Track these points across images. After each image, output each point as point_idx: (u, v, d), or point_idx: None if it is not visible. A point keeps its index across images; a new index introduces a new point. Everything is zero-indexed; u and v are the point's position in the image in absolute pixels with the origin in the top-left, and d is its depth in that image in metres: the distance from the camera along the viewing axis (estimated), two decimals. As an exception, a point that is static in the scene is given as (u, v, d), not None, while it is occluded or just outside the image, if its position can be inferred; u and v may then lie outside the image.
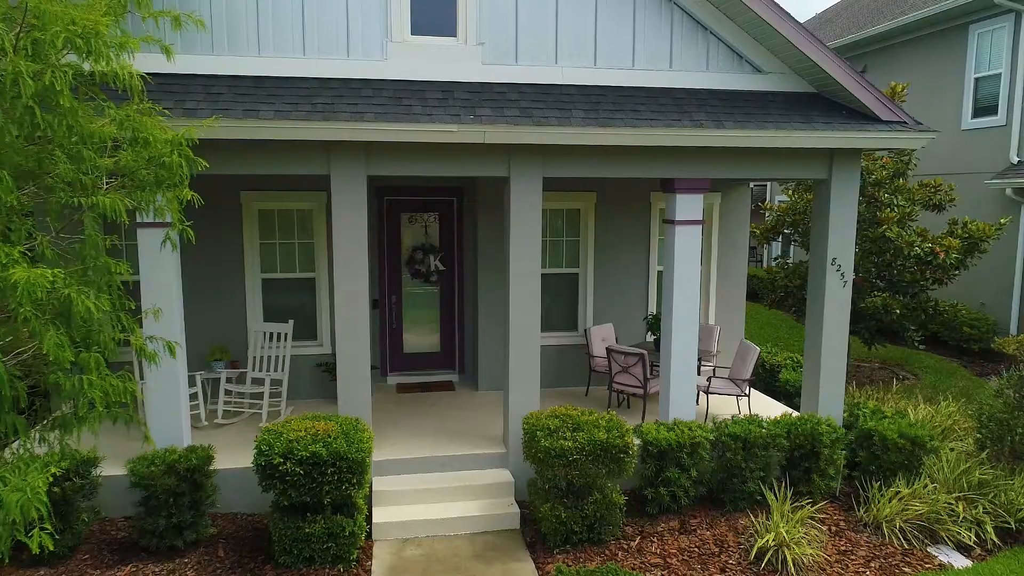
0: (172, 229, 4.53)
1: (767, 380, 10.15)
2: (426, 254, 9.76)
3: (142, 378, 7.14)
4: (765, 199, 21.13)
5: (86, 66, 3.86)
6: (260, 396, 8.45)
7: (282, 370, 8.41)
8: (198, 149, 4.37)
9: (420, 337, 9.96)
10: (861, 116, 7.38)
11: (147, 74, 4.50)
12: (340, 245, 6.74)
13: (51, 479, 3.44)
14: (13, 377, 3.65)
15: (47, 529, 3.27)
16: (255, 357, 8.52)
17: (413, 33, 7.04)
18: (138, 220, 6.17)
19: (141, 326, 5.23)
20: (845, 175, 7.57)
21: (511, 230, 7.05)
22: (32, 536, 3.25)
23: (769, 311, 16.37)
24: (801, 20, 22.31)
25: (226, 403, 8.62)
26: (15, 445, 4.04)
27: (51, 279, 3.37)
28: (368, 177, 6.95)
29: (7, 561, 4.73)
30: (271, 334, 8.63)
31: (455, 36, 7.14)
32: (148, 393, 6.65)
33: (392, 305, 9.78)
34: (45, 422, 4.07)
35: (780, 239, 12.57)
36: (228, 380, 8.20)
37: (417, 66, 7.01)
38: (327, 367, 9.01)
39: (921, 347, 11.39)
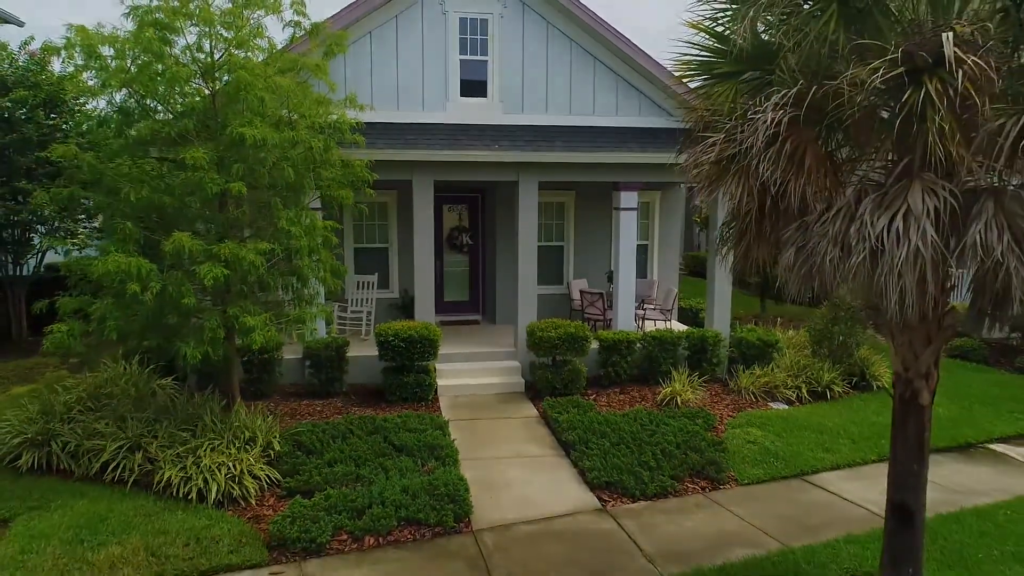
0: (354, 210, 9.12)
1: (692, 319, 14.76)
2: (460, 233, 14.38)
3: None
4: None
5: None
6: (358, 322, 13.07)
7: (371, 305, 13.02)
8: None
9: (455, 289, 14.58)
10: (734, 144, 11.98)
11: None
12: (418, 224, 11.34)
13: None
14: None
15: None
16: (351, 298, 13.13)
17: (461, 96, 11.73)
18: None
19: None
20: (727, 180, 12.18)
21: (519, 216, 11.63)
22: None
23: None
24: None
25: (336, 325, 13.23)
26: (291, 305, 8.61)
27: (329, 227, 8.01)
28: (432, 181, 11.58)
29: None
30: (362, 282, 13.23)
31: (486, 97, 11.81)
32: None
33: (436, 268, 14.37)
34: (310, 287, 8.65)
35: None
36: (340, 310, 12.83)
37: (464, 115, 11.65)
38: (396, 306, 13.62)
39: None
